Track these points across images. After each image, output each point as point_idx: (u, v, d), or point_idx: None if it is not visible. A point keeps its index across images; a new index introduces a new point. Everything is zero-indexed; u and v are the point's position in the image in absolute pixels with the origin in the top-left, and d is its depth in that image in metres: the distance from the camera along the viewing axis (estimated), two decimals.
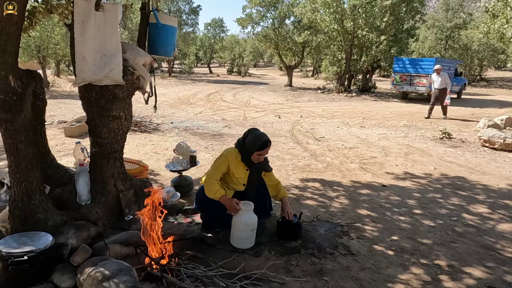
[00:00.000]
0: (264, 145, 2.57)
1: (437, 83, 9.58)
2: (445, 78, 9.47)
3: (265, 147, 2.58)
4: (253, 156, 2.61)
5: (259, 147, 2.57)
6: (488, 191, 3.89)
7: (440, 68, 9.62)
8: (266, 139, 2.60)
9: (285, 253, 2.49)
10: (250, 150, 2.60)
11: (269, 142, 2.60)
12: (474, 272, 2.33)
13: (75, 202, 2.60)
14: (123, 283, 1.93)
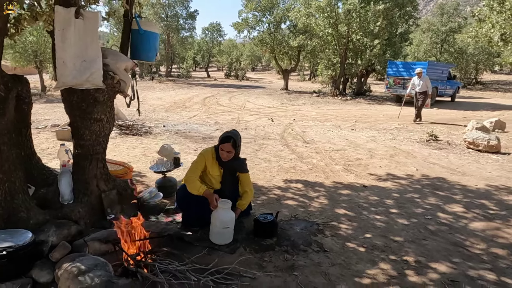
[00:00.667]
0: (223, 140, 2.69)
1: (418, 87, 9.61)
2: (426, 81, 9.51)
3: (224, 142, 2.68)
4: (219, 152, 2.71)
5: (220, 141, 2.71)
6: (466, 191, 4.00)
7: (421, 71, 9.65)
8: (227, 135, 2.71)
9: (260, 250, 2.59)
10: (218, 146, 2.72)
11: (231, 139, 2.68)
12: (439, 268, 2.43)
13: (59, 202, 2.69)
14: (98, 277, 2.02)
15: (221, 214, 2.54)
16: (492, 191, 4.02)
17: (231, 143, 2.71)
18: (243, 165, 2.88)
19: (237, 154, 2.83)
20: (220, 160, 2.81)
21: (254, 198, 3.55)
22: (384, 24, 14.51)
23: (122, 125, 6.75)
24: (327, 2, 15.01)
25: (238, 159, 2.86)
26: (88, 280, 1.98)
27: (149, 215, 3.06)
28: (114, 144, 5.79)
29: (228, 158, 2.77)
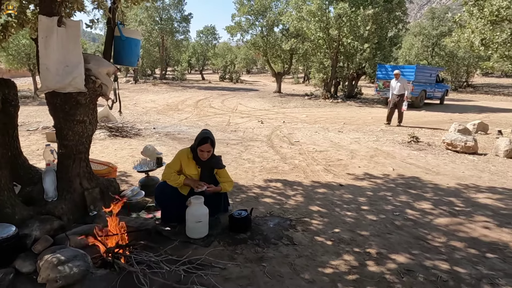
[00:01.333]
0: (202, 141, 2.85)
1: (396, 89, 9.51)
2: (404, 84, 9.46)
3: (203, 143, 2.85)
4: (198, 153, 2.88)
5: (198, 143, 2.87)
6: (436, 189, 4.20)
7: (399, 74, 9.59)
8: (205, 136, 2.88)
9: (233, 243, 2.76)
10: (195, 147, 2.89)
11: (208, 139, 2.86)
12: (398, 258, 2.61)
13: (43, 199, 2.84)
14: (76, 267, 2.18)
15: (194, 209, 2.71)
16: (461, 189, 4.22)
17: (210, 143, 2.89)
18: (219, 161, 3.06)
19: (213, 152, 3.01)
20: (197, 160, 2.98)
21: (233, 197, 3.73)
22: (373, 28, 14.79)
23: (112, 127, 6.89)
24: (318, 6, 15.27)
25: (214, 157, 3.04)
26: (67, 270, 2.14)
27: (131, 212, 3.22)
28: (103, 146, 5.94)
29: (206, 157, 2.95)
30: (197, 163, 2.96)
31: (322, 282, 2.30)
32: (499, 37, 7.76)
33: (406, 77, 14.37)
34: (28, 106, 11.90)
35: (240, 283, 2.25)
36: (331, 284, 2.28)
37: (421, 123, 10.41)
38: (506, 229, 3.18)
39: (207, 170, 3.01)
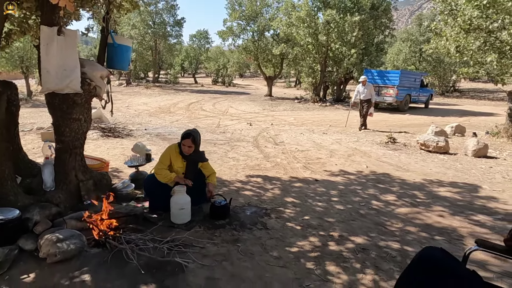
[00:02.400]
0: (184, 137, 3.23)
1: (362, 94, 9.62)
2: (370, 90, 9.60)
3: (185, 138, 3.22)
4: (182, 147, 3.23)
5: (181, 138, 3.25)
6: (403, 184, 4.60)
7: (365, 80, 9.71)
8: (187, 133, 3.26)
9: (213, 228, 3.11)
10: (180, 143, 3.25)
11: (190, 135, 3.23)
12: (357, 240, 2.98)
13: (42, 189, 3.17)
14: (73, 244, 2.51)
15: (177, 198, 3.06)
16: (426, 184, 4.63)
17: (191, 139, 3.24)
18: (203, 156, 3.43)
19: (197, 148, 3.37)
20: (183, 154, 3.34)
21: (216, 190, 4.06)
22: (360, 35, 15.32)
23: (104, 127, 7.19)
24: (306, 13, 15.75)
25: (198, 152, 3.40)
26: (64, 246, 2.46)
27: (122, 202, 3.55)
28: (96, 145, 6.24)
29: (189, 151, 3.30)
30: (183, 157, 3.31)
31: (288, 258, 2.66)
32: (473, 45, 8.25)
33: (391, 81, 14.94)
34: (22, 108, 12.07)
35: (216, 259, 2.60)
36: (295, 260, 2.63)
37: (403, 126, 10.86)
38: (458, 217, 3.58)
39: (192, 163, 3.35)
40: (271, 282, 2.35)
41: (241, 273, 2.43)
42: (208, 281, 2.32)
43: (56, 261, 2.42)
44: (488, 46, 8.06)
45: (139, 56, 26.15)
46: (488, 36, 7.98)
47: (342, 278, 2.42)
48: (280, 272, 2.47)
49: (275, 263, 2.58)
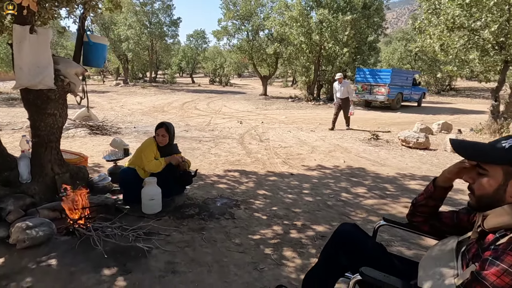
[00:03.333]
0: (157, 126, 3.41)
1: (339, 93, 9.31)
2: (347, 87, 9.28)
3: (159, 128, 3.40)
4: (156, 138, 3.40)
5: (155, 128, 3.42)
6: (376, 177, 4.73)
7: (341, 77, 9.35)
8: (161, 122, 3.43)
9: (182, 218, 3.24)
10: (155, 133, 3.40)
11: (163, 124, 3.40)
12: (318, 228, 3.12)
13: (19, 182, 3.30)
14: (42, 231, 2.65)
15: (148, 189, 3.20)
16: (398, 177, 4.76)
17: (164, 128, 3.41)
18: (176, 148, 3.59)
19: (171, 140, 3.51)
20: (158, 147, 3.46)
21: (192, 183, 4.21)
22: (352, 34, 15.45)
23: (92, 125, 7.33)
24: (299, 12, 15.89)
25: (172, 144, 3.54)
26: (33, 233, 2.60)
27: (98, 195, 3.68)
28: (82, 142, 6.38)
29: (164, 142, 3.45)
30: (158, 149, 3.44)
31: (248, 244, 2.80)
32: (457, 43, 8.40)
33: (383, 80, 15.07)
34: (16, 107, 12.24)
35: (179, 245, 2.74)
36: (255, 246, 2.77)
37: (393, 124, 10.99)
38: None
39: (166, 155, 3.47)
40: (228, 265, 2.48)
41: (201, 258, 2.57)
42: (168, 265, 2.46)
43: (25, 247, 2.56)
44: (471, 44, 8.20)
45: (135, 56, 26.30)
46: (472, 34, 8.12)
47: (296, 262, 2.55)
48: (238, 257, 2.61)
49: (235, 249, 2.72)
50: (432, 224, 1.46)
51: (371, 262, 1.30)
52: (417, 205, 1.46)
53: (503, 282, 0.96)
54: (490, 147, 1.16)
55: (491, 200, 1.13)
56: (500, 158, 1.11)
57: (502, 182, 1.11)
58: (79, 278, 2.28)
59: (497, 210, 1.11)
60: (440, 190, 1.39)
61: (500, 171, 1.11)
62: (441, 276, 1.22)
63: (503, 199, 1.11)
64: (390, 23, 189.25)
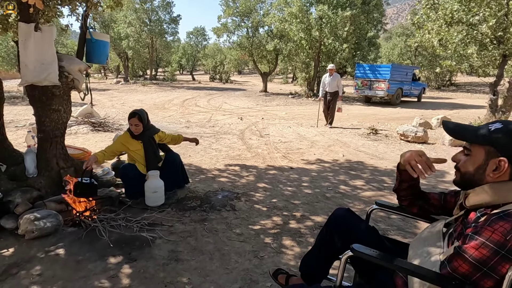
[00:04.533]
0: (129, 116, 3.35)
1: (329, 86, 8.50)
2: (338, 81, 8.50)
3: (131, 118, 3.34)
4: (130, 128, 3.39)
5: (128, 118, 3.39)
6: (374, 171, 4.81)
7: (333, 69, 8.47)
8: (132, 112, 3.37)
9: (184, 209, 3.34)
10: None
11: (136, 114, 3.34)
12: (316, 219, 3.21)
13: (25, 176, 3.39)
14: (50, 222, 2.75)
15: (150, 182, 3.29)
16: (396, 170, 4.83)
17: (137, 117, 3.35)
18: (154, 128, 3.58)
19: (147, 126, 3.47)
20: (136, 137, 3.44)
21: (193, 177, 4.31)
22: (351, 29, 15.47)
23: (94, 122, 7.42)
24: (299, 8, 15.91)
25: (149, 128, 3.53)
26: (41, 224, 2.70)
27: (102, 188, 3.77)
28: (85, 139, 6.48)
29: (138, 130, 3.39)
30: (137, 139, 3.44)
31: (249, 234, 2.89)
32: (455, 38, 8.45)
33: (382, 75, 15.11)
34: (17, 105, 12.34)
35: (182, 235, 2.83)
36: (255, 235, 2.86)
37: (393, 119, 11.04)
38: None
39: (147, 142, 3.48)
40: (229, 253, 2.58)
41: (203, 246, 2.66)
42: (171, 253, 2.55)
43: (34, 237, 2.66)
44: (469, 38, 8.25)
45: (136, 53, 26.35)
46: (470, 29, 8.17)
47: (295, 250, 2.65)
48: (239, 245, 2.70)
49: (236, 238, 2.81)
50: (420, 205, 1.55)
51: (364, 243, 1.39)
52: (397, 191, 1.57)
53: (480, 254, 1.05)
54: (476, 128, 1.23)
55: (473, 178, 1.22)
56: (483, 139, 1.18)
57: (483, 162, 1.19)
58: (86, 266, 2.37)
59: (477, 189, 1.20)
60: (405, 173, 1.47)
61: (482, 151, 1.19)
62: (428, 254, 1.30)
63: (482, 178, 1.19)
64: (391, 19, 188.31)
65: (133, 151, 3.48)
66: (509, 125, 1.17)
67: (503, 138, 1.15)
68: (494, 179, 1.17)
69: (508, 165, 1.14)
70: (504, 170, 1.15)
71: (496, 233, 1.04)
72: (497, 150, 1.16)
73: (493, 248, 1.03)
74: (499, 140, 1.15)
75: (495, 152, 1.16)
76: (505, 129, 1.16)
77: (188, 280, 2.23)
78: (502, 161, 1.14)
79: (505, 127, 1.16)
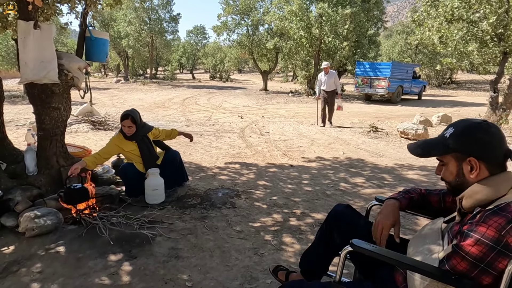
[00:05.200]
0: (123, 117, 3.33)
1: (326, 85, 8.16)
2: (334, 79, 8.15)
3: (123, 119, 3.32)
4: (123, 129, 3.37)
5: (120, 119, 3.37)
6: (375, 168, 4.81)
7: (328, 67, 8.19)
8: (125, 113, 3.35)
9: (184, 207, 3.34)
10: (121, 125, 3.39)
11: (129, 116, 3.31)
12: (316, 216, 3.21)
13: (25, 174, 3.39)
14: (50, 220, 2.75)
15: (150, 180, 3.29)
16: (396, 168, 4.84)
17: (130, 119, 3.33)
18: (146, 126, 3.54)
19: (140, 125, 3.45)
20: (129, 137, 3.42)
21: (193, 174, 4.31)
22: (352, 27, 15.44)
23: (95, 121, 7.42)
24: (298, 6, 15.87)
25: (142, 126, 3.50)
26: (41, 222, 2.70)
27: (102, 186, 3.77)
28: (85, 137, 6.48)
29: (131, 132, 3.37)
30: (131, 139, 3.42)
31: (249, 231, 2.89)
32: (456, 35, 8.42)
33: (383, 73, 15.08)
34: (18, 104, 12.34)
35: (182, 233, 2.83)
36: (255, 233, 2.86)
37: (393, 117, 11.03)
38: None
39: (141, 141, 3.46)
40: (229, 251, 2.58)
41: (203, 244, 2.67)
42: (171, 251, 2.55)
43: (34, 235, 2.66)
44: (470, 36, 8.23)
45: (136, 52, 26.32)
46: (470, 26, 8.14)
47: (295, 247, 2.65)
48: (239, 243, 2.70)
49: (236, 236, 2.82)
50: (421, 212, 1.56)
51: (364, 239, 1.39)
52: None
53: (477, 251, 1.05)
54: (438, 140, 1.28)
55: (458, 184, 1.25)
56: (445, 148, 1.23)
57: (457, 167, 1.23)
58: (86, 263, 2.37)
59: (466, 192, 1.21)
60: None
61: (451, 158, 1.24)
62: (429, 251, 1.30)
63: (466, 181, 1.22)
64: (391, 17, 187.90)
65: (128, 152, 3.47)
66: (459, 126, 1.22)
67: (460, 141, 1.20)
68: (476, 178, 1.20)
69: (479, 161, 1.18)
70: (478, 168, 1.18)
71: (490, 229, 1.04)
72: (461, 153, 1.20)
73: (488, 244, 1.04)
74: (457, 143, 1.20)
75: (461, 156, 1.21)
76: (458, 131, 1.21)
77: (188, 277, 2.23)
78: (472, 161, 1.19)
79: (456, 129, 1.22)
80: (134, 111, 3.47)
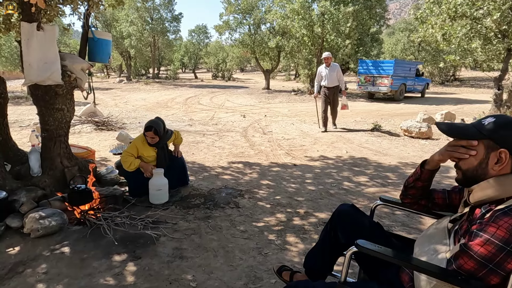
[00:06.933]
0: (146, 129, 3.39)
1: (327, 80, 6.88)
2: (338, 72, 6.91)
3: (147, 131, 3.38)
4: (147, 138, 3.44)
5: (144, 130, 3.42)
6: (378, 167, 4.79)
7: (330, 57, 6.92)
8: (149, 125, 3.40)
9: (188, 207, 3.34)
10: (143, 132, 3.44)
11: (152, 128, 3.37)
12: (320, 215, 3.20)
13: (30, 175, 3.41)
14: (55, 221, 2.76)
15: (155, 180, 3.30)
16: (400, 166, 4.82)
17: (153, 131, 3.40)
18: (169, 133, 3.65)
19: (162, 136, 3.52)
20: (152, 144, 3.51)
21: (196, 174, 4.31)
22: (354, 25, 15.37)
23: (98, 121, 7.45)
24: (300, 4, 15.82)
25: (163, 138, 3.57)
26: (46, 223, 2.71)
27: (106, 187, 3.79)
28: (89, 138, 6.50)
29: (154, 141, 3.49)
30: (152, 146, 3.50)
31: (253, 231, 2.89)
32: (459, 32, 8.37)
33: (385, 71, 15.01)
34: (21, 105, 12.40)
35: (186, 233, 2.84)
36: (259, 232, 2.86)
37: (396, 115, 10.98)
38: None
39: (161, 149, 3.54)
40: (233, 250, 2.58)
41: (207, 244, 2.67)
42: (175, 251, 2.56)
43: (39, 236, 2.67)
44: (473, 33, 8.18)
45: (138, 52, 26.37)
46: (474, 23, 8.09)
47: (299, 247, 2.64)
48: (243, 242, 2.70)
49: (240, 235, 2.82)
50: (423, 204, 1.53)
51: (368, 239, 1.38)
52: (408, 187, 1.52)
53: (486, 251, 1.04)
54: (472, 125, 1.24)
55: (476, 174, 1.21)
56: (480, 134, 1.19)
57: (484, 155, 1.19)
58: (91, 264, 2.38)
59: (481, 184, 1.18)
60: (427, 173, 1.45)
61: (481, 145, 1.19)
62: (435, 251, 1.29)
63: (485, 172, 1.18)
64: (394, 14, 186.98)
65: (145, 156, 3.51)
66: (502, 118, 1.20)
67: (499, 130, 1.17)
68: (497, 172, 1.17)
69: (509, 156, 1.15)
70: (506, 162, 1.15)
71: (501, 229, 1.03)
72: (495, 143, 1.17)
73: (498, 244, 1.03)
74: (496, 133, 1.17)
75: (494, 145, 1.17)
76: (499, 122, 1.18)
77: (192, 277, 2.24)
78: (503, 153, 1.15)
79: (498, 119, 1.19)
80: (157, 122, 3.48)
